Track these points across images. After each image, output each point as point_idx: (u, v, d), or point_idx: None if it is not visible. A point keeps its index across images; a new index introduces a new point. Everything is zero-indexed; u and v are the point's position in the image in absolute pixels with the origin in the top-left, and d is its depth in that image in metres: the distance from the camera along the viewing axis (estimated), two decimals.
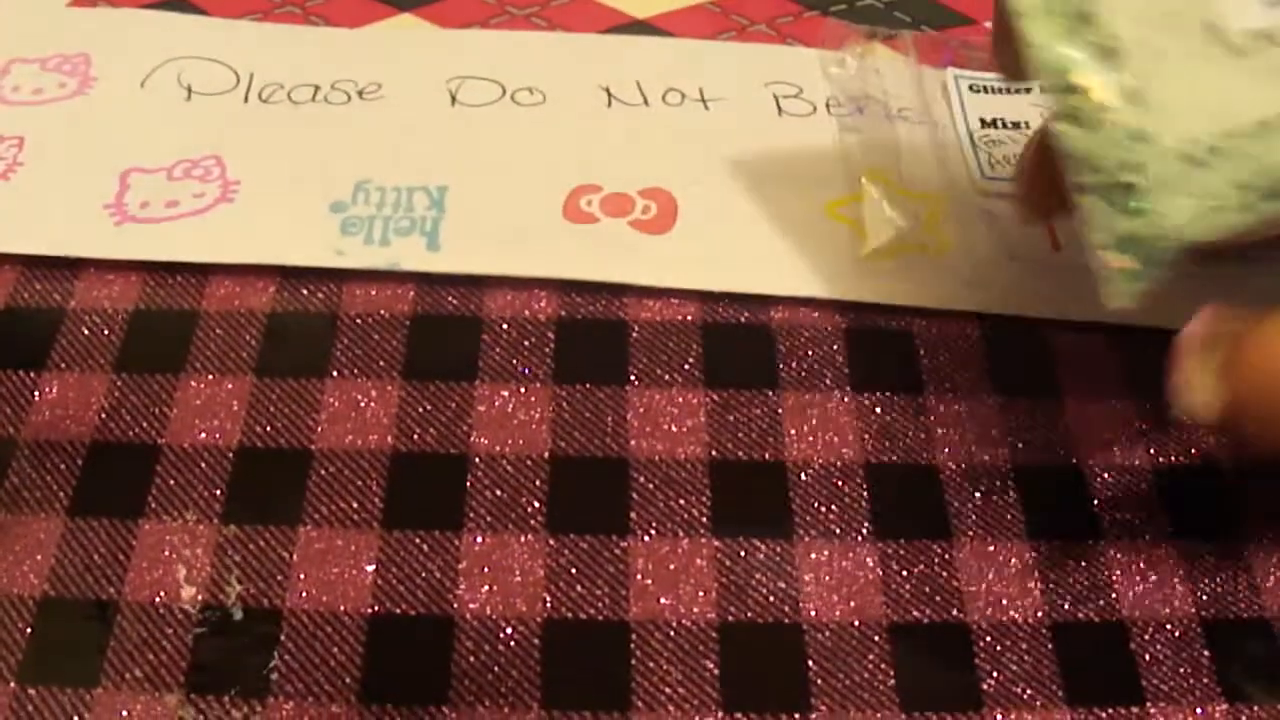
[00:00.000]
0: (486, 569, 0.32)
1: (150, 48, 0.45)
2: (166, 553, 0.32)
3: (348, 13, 0.47)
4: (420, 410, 0.35)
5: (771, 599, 0.32)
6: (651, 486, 0.34)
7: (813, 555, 0.33)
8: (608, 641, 0.31)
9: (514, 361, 0.36)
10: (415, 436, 0.34)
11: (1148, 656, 0.31)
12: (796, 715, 0.30)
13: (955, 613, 0.32)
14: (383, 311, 0.37)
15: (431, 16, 0.47)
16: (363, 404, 0.35)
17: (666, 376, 0.36)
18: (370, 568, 0.32)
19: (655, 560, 0.32)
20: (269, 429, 0.34)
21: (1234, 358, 0.28)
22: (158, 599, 0.31)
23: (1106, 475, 0.35)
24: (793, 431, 0.35)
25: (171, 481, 0.33)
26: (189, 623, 0.31)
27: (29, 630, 0.30)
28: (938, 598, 0.32)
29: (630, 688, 0.30)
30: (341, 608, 0.31)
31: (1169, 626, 0.32)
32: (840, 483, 0.34)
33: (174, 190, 0.40)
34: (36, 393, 0.35)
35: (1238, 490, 0.35)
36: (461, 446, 0.34)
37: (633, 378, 0.36)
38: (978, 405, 0.36)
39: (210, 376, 0.35)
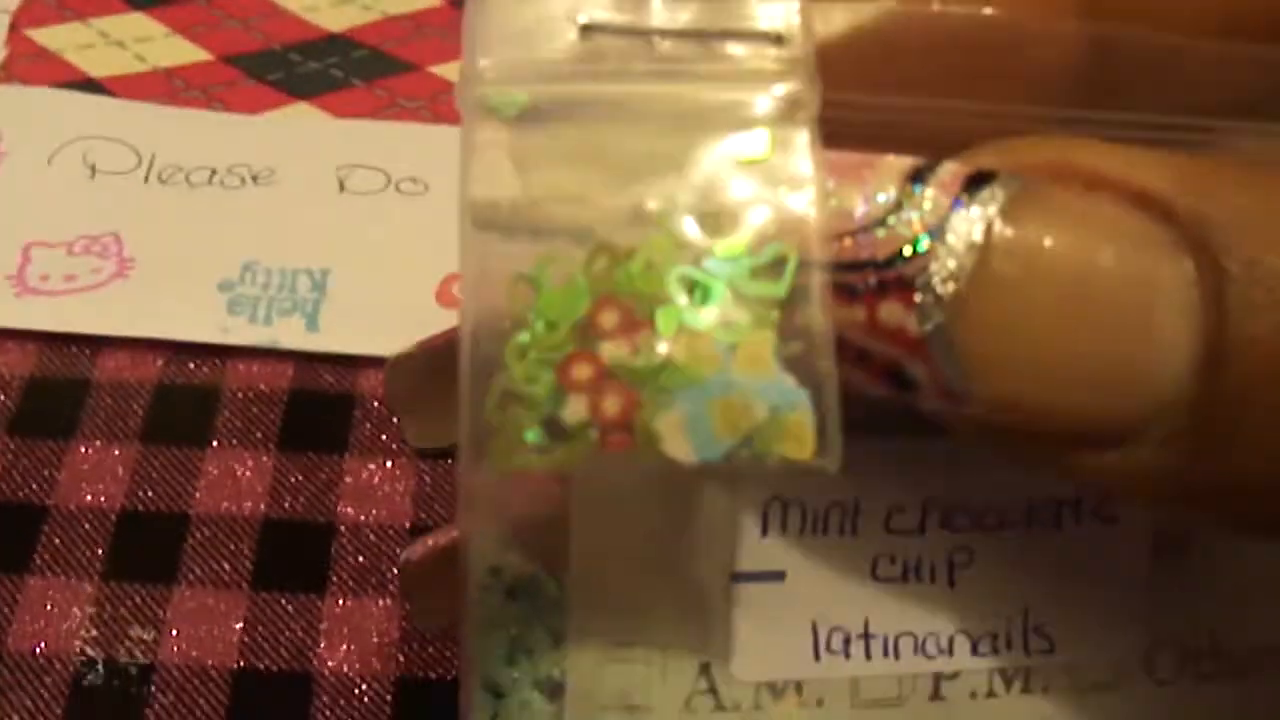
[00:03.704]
0: (346, 630, 0.35)
1: (59, 126, 0.48)
2: (49, 607, 0.35)
3: (247, 99, 0.50)
4: (292, 480, 0.38)
5: None
6: None
7: None
8: (457, 700, 0.34)
9: (383, 437, 0.39)
10: (287, 504, 0.37)
11: None
12: None
13: None
14: (263, 386, 0.40)
15: (326, 106, 0.50)
16: (239, 473, 0.38)
17: None
18: (238, 625, 0.35)
19: None
20: (151, 494, 0.37)
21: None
22: (38, 650, 0.34)
23: None
24: None
25: (57, 540, 0.36)
26: (67, 674, 0.33)
27: None
28: None
29: None
30: (210, 662, 0.34)
31: None
32: None
33: (73, 265, 0.43)
34: None
35: None
36: (329, 515, 0.37)
37: None
38: None
39: (99, 443, 0.38)
